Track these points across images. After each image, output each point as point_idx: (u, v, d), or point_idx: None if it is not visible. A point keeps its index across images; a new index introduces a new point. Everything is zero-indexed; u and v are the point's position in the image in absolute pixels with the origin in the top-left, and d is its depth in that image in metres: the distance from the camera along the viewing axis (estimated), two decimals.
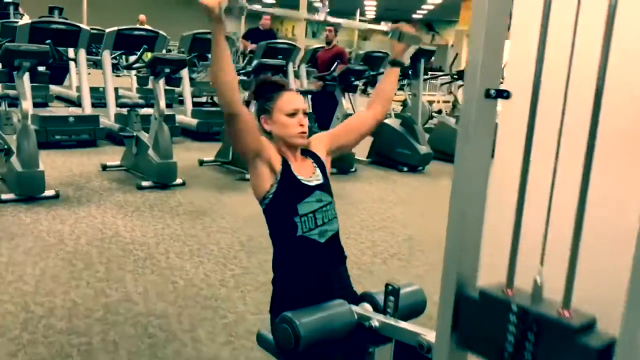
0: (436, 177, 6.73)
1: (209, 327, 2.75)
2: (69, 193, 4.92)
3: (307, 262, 1.72)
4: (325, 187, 1.78)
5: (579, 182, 1.06)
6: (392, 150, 6.79)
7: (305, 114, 1.78)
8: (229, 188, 5.53)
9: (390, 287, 1.62)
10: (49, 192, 4.70)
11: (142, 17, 12.09)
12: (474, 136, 1.34)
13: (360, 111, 2.02)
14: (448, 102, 10.82)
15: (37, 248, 3.63)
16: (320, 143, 1.88)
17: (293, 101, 1.76)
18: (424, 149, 6.77)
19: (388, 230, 4.45)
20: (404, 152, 6.72)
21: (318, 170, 1.80)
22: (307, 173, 1.76)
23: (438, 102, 11.51)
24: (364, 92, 11.15)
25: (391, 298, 1.63)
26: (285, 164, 1.73)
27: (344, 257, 1.82)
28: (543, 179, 1.31)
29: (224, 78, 1.52)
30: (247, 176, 5.83)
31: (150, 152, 5.36)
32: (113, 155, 6.33)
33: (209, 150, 6.78)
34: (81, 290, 3.05)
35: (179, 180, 5.41)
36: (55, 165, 5.85)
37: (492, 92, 1.30)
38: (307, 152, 1.83)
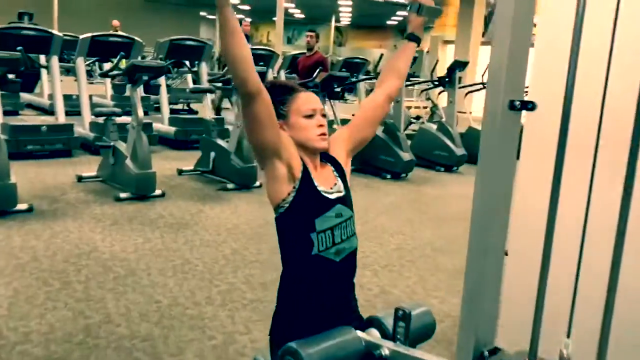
0: (419, 184, 6.68)
1: (197, 349, 2.60)
2: (43, 206, 4.71)
3: (318, 284, 1.58)
4: (346, 200, 1.62)
5: (615, 226, 0.95)
6: (375, 158, 6.70)
7: (323, 115, 1.63)
8: (211, 198, 5.37)
9: (400, 312, 1.51)
10: (21, 206, 4.48)
11: (115, 22, 11.84)
12: (497, 152, 1.24)
13: (370, 96, 1.84)
14: (425, 107, 10.82)
15: (9, 267, 3.43)
16: (340, 144, 1.70)
17: (310, 101, 1.60)
18: (406, 156, 6.72)
19: (377, 241, 4.35)
20: (388, 160, 6.65)
21: (339, 181, 1.64)
22: (327, 183, 1.60)
23: (417, 107, 11.51)
24: (341, 98, 11.08)
25: (401, 324, 1.53)
26: (306, 171, 1.55)
27: (354, 275, 1.69)
28: (572, 220, 1.20)
29: (238, 51, 1.35)
30: (229, 186, 5.70)
31: (128, 162, 5.18)
32: (89, 166, 6.12)
33: (188, 159, 6.62)
34: (58, 312, 2.88)
35: (158, 191, 5.23)
36: (28, 177, 5.62)
37: (517, 103, 1.21)
38: (326, 157, 1.66)
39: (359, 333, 1.56)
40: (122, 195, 5.07)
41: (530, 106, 1.21)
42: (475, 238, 1.33)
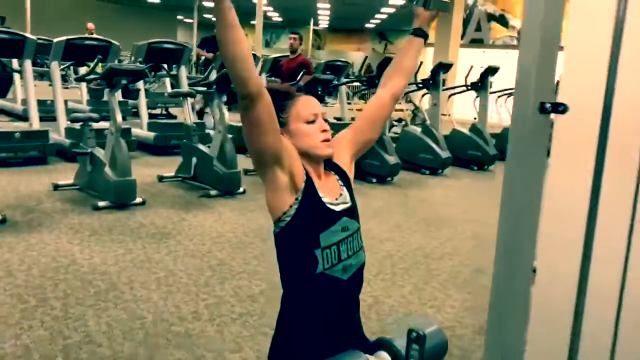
0: (405, 188, 6.59)
1: None
2: (17, 217, 4.49)
3: (323, 304, 1.44)
4: (352, 212, 1.49)
5: None
6: (361, 162, 6.59)
7: (325, 119, 1.51)
8: (193, 206, 5.20)
9: (414, 334, 1.39)
10: None
11: (90, 25, 11.55)
12: (526, 157, 1.13)
13: (374, 97, 1.72)
14: (407, 110, 10.76)
15: None
16: (343, 149, 1.58)
17: (311, 106, 1.48)
18: (392, 159, 6.62)
19: (367, 248, 4.19)
20: (374, 164, 6.54)
21: (345, 190, 1.51)
22: (332, 194, 1.47)
23: (399, 110, 11.45)
24: (322, 100, 11.00)
25: (415, 346, 1.41)
26: (309, 181, 1.43)
27: (360, 292, 1.56)
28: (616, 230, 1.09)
29: (238, 49, 1.20)
30: (212, 192, 5.53)
31: (107, 169, 4.98)
32: (65, 174, 5.89)
33: (168, 166, 6.43)
34: (35, 332, 2.69)
35: (138, 199, 5.04)
36: (1, 186, 5.38)
37: (548, 106, 1.10)
38: (330, 165, 1.53)
39: (369, 357, 1.44)
40: (101, 203, 4.87)
41: (561, 108, 1.10)
42: (502, 253, 1.21)
